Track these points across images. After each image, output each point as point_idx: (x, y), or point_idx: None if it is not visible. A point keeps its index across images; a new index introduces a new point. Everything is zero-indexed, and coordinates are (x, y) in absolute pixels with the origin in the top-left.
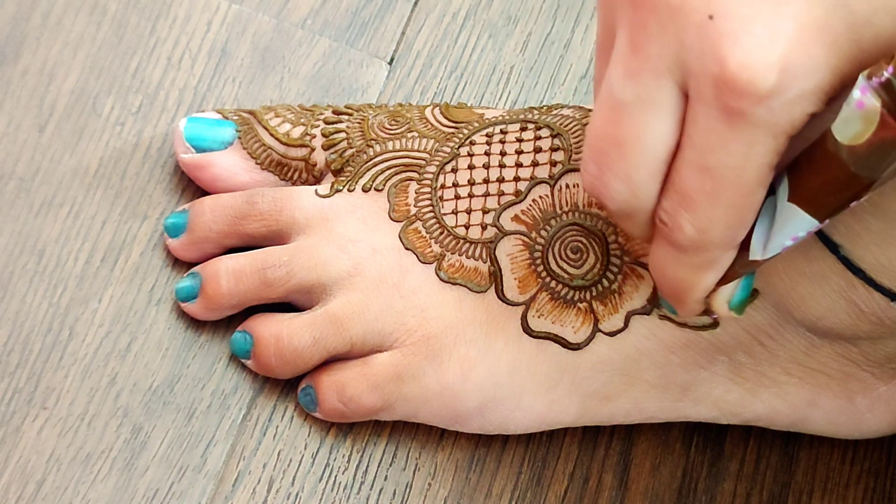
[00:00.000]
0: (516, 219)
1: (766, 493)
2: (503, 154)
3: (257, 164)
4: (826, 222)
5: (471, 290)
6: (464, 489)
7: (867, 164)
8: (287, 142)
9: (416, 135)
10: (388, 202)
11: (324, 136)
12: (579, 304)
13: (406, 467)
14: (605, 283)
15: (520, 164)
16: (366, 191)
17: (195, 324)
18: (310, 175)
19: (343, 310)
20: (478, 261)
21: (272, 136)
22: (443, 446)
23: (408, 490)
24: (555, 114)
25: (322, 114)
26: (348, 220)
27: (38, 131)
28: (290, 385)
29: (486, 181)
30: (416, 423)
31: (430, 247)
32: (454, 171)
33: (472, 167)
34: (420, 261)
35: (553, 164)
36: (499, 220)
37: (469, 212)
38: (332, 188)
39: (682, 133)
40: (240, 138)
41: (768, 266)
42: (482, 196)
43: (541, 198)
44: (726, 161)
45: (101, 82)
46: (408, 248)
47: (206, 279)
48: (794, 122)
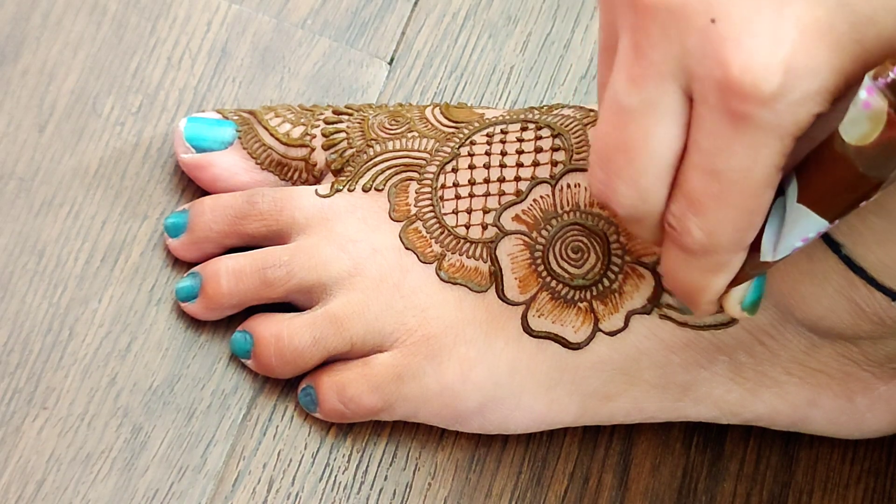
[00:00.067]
0: (517, 218)
1: (766, 493)
2: (504, 154)
3: (257, 164)
4: (836, 223)
5: (471, 289)
6: (464, 489)
7: (875, 164)
8: (287, 142)
9: (416, 135)
10: (389, 202)
11: (324, 136)
12: (580, 304)
13: (406, 467)
14: (606, 282)
15: (520, 164)
16: (366, 191)
17: (195, 324)
18: (310, 175)
19: (343, 309)
20: (478, 260)
21: (272, 136)
22: (443, 446)
23: (408, 490)
24: (555, 114)
25: (322, 114)
26: (348, 219)
27: (38, 131)
28: (290, 385)
29: (487, 181)
30: (416, 423)
31: (431, 246)
32: (455, 170)
33: (472, 167)
34: (420, 260)
35: (554, 164)
36: (499, 220)
37: (469, 211)
38: (332, 188)
39: (689, 137)
40: (240, 138)
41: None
42: (483, 196)
43: (542, 197)
44: (733, 164)
45: (101, 82)
46: (408, 248)
47: (207, 279)
48: (799, 124)
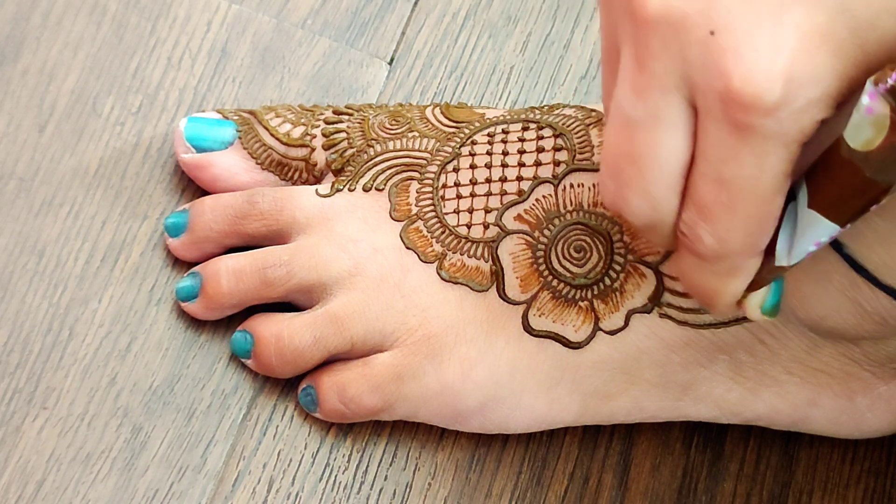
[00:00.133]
0: (519, 218)
1: (766, 493)
2: (505, 154)
3: (258, 164)
4: (848, 227)
5: (472, 289)
6: (464, 489)
7: (881, 169)
8: (287, 142)
9: (416, 134)
10: (389, 202)
11: (324, 135)
12: (580, 303)
13: (406, 467)
14: (607, 281)
15: (522, 164)
16: (366, 190)
17: (195, 324)
18: (310, 175)
19: (344, 309)
20: (479, 260)
21: (272, 136)
22: (443, 446)
23: (408, 490)
24: (556, 114)
25: (322, 114)
26: (349, 219)
27: (38, 131)
28: (290, 385)
29: (489, 181)
30: (416, 423)
31: (432, 246)
32: (456, 170)
33: (473, 167)
34: (421, 260)
35: (556, 163)
36: (501, 220)
37: (471, 211)
38: (332, 188)
39: (696, 146)
40: (240, 138)
41: None
42: (484, 195)
43: (544, 197)
44: (740, 173)
45: (101, 82)
46: (409, 248)
47: (207, 279)
48: (804, 131)
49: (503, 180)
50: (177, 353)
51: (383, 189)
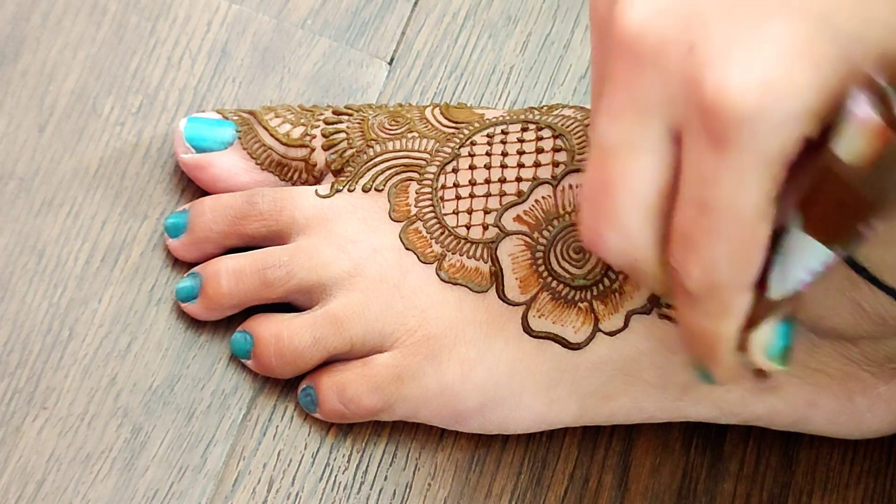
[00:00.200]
0: (518, 219)
1: (766, 493)
2: (504, 154)
3: (257, 164)
4: (842, 254)
5: (471, 290)
6: (464, 489)
7: (873, 181)
8: (287, 142)
9: (416, 135)
10: (389, 202)
11: (324, 136)
12: (580, 304)
13: (406, 467)
14: (607, 282)
15: (521, 165)
16: (366, 191)
17: (195, 324)
18: (310, 175)
19: (343, 310)
20: (479, 261)
21: (272, 136)
22: (443, 446)
23: (408, 490)
24: (556, 114)
25: (322, 114)
26: (348, 220)
27: (38, 131)
28: (290, 385)
29: (488, 181)
30: (416, 423)
31: (431, 247)
32: (455, 171)
33: (473, 167)
34: (420, 261)
35: (555, 164)
36: (500, 221)
37: (470, 212)
38: (332, 188)
39: (679, 174)
40: (240, 138)
41: None
42: (483, 196)
43: (543, 198)
44: (720, 194)
45: (101, 82)
46: (408, 249)
47: (207, 279)
48: (784, 148)
49: (502, 181)
50: (177, 353)
51: (383, 189)
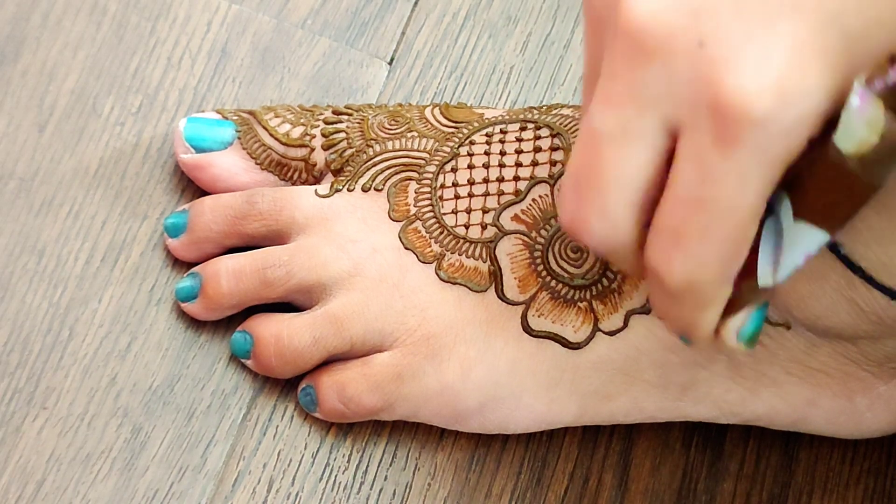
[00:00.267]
0: (516, 218)
1: (766, 493)
2: (503, 154)
3: (257, 164)
4: (837, 234)
5: (471, 289)
6: (464, 489)
7: (876, 171)
8: (287, 142)
9: (415, 135)
10: (388, 202)
11: (323, 136)
12: (579, 304)
13: (406, 467)
14: (605, 282)
15: (519, 164)
16: (365, 190)
17: (195, 324)
18: (309, 175)
19: (343, 310)
20: (478, 260)
21: (272, 136)
22: (443, 446)
23: (408, 490)
24: (554, 114)
25: (322, 114)
26: (348, 219)
27: (38, 131)
28: (290, 385)
29: (486, 181)
30: (416, 423)
31: (430, 246)
32: (454, 170)
33: (471, 167)
34: (420, 260)
35: (553, 163)
36: (499, 220)
37: (469, 211)
38: (331, 188)
39: (671, 169)
40: (239, 138)
41: None
42: (482, 196)
43: (541, 197)
44: (720, 193)
45: (101, 82)
46: (407, 248)
47: (207, 279)
48: (790, 149)
49: (500, 180)
50: (177, 353)
51: (382, 189)
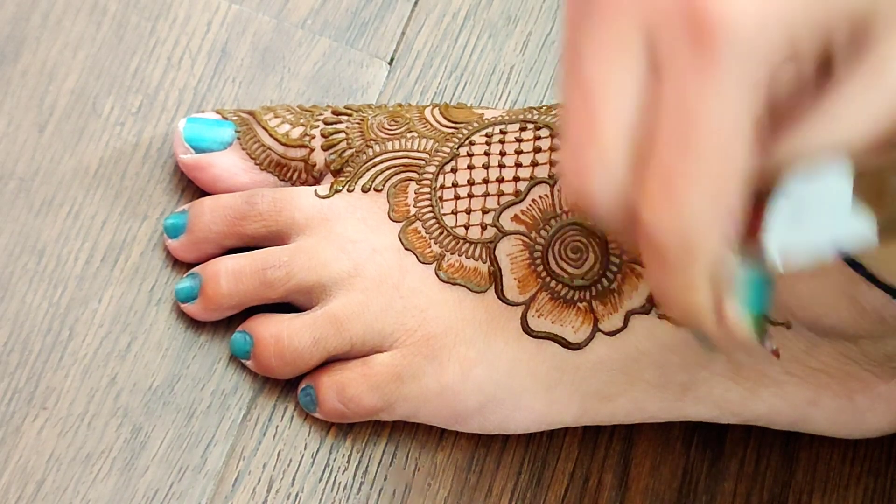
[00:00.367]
0: (516, 219)
1: (766, 493)
2: (503, 154)
3: (256, 164)
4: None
5: (470, 290)
6: (464, 489)
7: None
8: (286, 142)
9: (415, 135)
10: (388, 202)
11: (323, 136)
12: (579, 304)
13: (406, 467)
14: (605, 282)
15: (519, 164)
16: (365, 191)
17: (195, 324)
18: (309, 175)
19: (343, 310)
20: (477, 261)
21: (271, 136)
22: (443, 446)
23: (408, 490)
24: (554, 114)
25: (321, 114)
26: (348, 220)
27: (38, 131)
28: (290, 385)
29: (486, 181)
30: (416, 423)
31: (430, 247)
32: (454, 171)
33: (471, 167)
34: (420, 261)
35: (553, 163)
36: (498, 220)
37: (469, 212)
38: (331, 188)
39: (657, 109)
40: (239, 139)
41: None
42: (482, 196)
43: (541, 198)
44: (699, 117)
45: (101, 82)
46: (407, 249)
47: (206, 280)
48: (768, 71)
49: (500, 181)
50: (177, 353)
51: (382, 190)
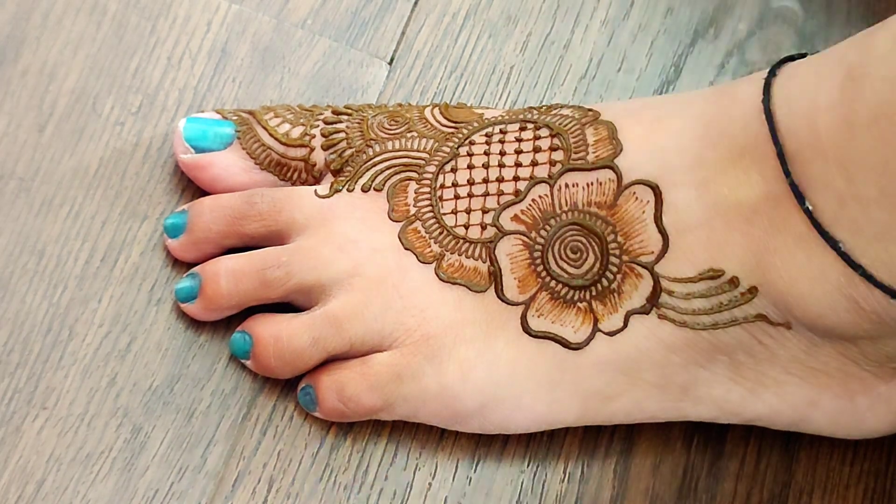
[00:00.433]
0: (516, 218)
1: (766, 492)
2: (502, 154)
3: (256, 164)
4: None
5: (470, 289)
6: (464, 489)
7: None
8: (286, 142)
9: (415, 135)
10: (388, 202)
11: (323, 136)
12: (579, 304)
13: (406, 467)
14: (605, 282)
15: (519, 164)
16: (365, 191)
17: (195, 324)
18: (309, 175)
19: (342, 310)
20: (477, 261)
21: (271, 136)
22: (443, 446)
23: (408, 490)
24: (554, 114)
25: (321, 114)
26: (348, 220)
27: (38, 131)
28: (290, 385)
29: (486, 181)
30: (416, 423)
31: (430, 247)
32: (454, 170)
33: (471, 167)
34: (419, 261)
35: (552, 163)
36: (498, 220)
37: (468, 212)
38: (331, 188)
39: None
40: (239, 138)
41: (767, 265)
42: (481, 196)
43: (540, 197)
44: None
45: (101, 82)
46: (407, 248)
47: (206, 280)
48: None
49: (500, 180)
50: (177, 353)
51: (382, 189)
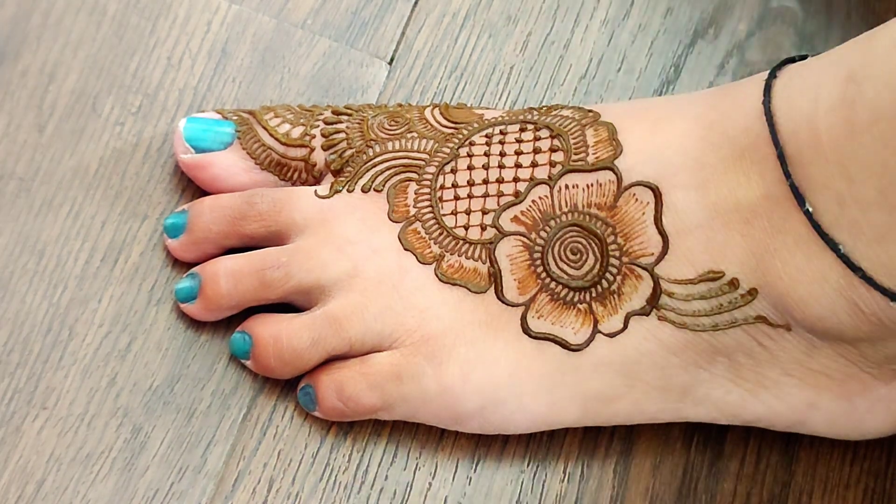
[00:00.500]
0: (516, 220)
1: (766, 493)
2: (502, 155)
3: (257, 164)
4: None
5: (470, 290)
6: (464, 489)
7: None
8: (286, 142)
9: (415, 135)
10: (388, 203)
11: (323, 136)
12: (579, 306)
13: (406, 467)
14: (605, 283)
15: (519, 165)
16: (365, 191)
17: (195, 324)
18: (309, 175)
19: (342, 310)
20: (477, 261)
21: (272, 136)
22: (443, 446)
23: (408, 490)
24: (554, 115)
25: (322, 114)
26: (348, 220)
27: (38, 131)
28: (290, 385)
29: (486, 182)
30: (417, 423)
31: (430, 247)
32: (453, 171)
33: (471, 168)
34: (419, 261)
35: (552, 164)
36: (498, 221)
37: (468, 212)
38: (331, 189)
39: None
40: (239, 138)
41: (767, 266)
42: (481, 197)
43: (540, 199)
44: None
45: (101, 82)
46: (407, 249)
47: (206, 280)
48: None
49: (500, 181)
50: (177, 353)
51: (382, 190)
